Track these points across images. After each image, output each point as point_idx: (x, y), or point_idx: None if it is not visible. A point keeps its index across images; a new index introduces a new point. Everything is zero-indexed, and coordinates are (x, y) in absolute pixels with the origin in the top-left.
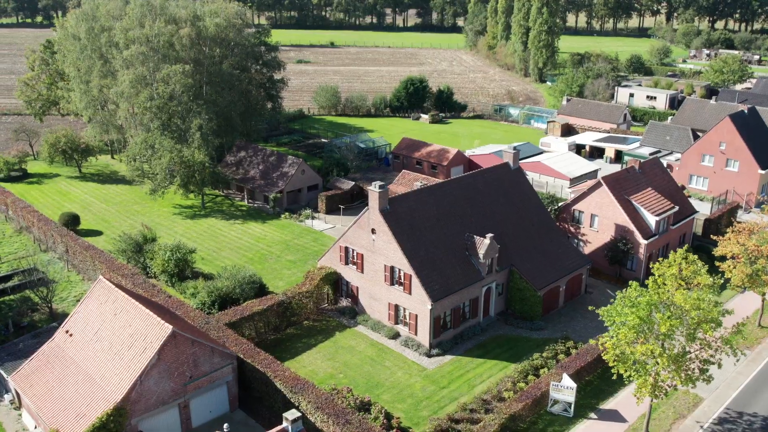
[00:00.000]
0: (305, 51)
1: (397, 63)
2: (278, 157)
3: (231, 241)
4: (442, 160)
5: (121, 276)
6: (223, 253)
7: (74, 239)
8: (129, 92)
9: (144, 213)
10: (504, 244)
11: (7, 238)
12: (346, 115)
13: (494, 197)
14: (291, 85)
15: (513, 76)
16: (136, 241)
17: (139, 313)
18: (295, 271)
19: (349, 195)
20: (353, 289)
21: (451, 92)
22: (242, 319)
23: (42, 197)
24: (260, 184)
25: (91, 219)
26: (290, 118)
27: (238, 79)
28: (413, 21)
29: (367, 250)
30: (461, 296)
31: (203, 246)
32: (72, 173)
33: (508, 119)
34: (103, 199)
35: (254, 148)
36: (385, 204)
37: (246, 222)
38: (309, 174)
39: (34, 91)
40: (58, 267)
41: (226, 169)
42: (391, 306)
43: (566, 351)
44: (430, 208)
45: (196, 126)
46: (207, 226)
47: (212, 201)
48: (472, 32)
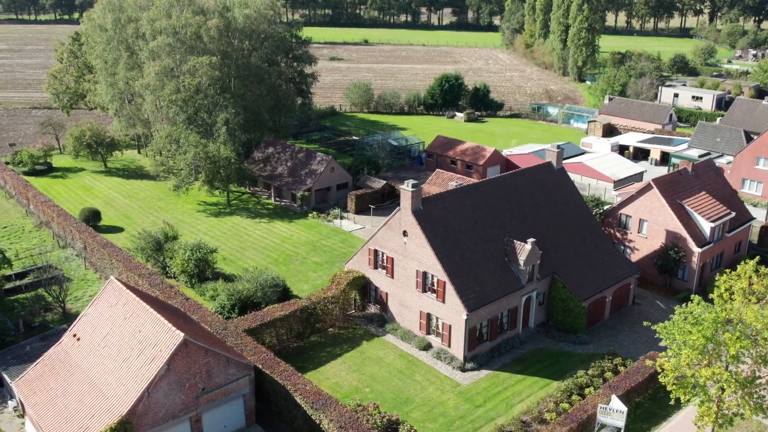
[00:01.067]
0: (338, 48)
1: (431, 61)
2: (307, 154)
3: (255, 240)
4: (477, 159)
5: (138, 276)
6: (246, 253)
7: (92, 236)
8: (155, 84)
9: (167, 210)
10: (546, 250)
11: (26, 233)
12: (378, 113)
13: (536, 199)
14: (323, 82)
15: (551, 75)
16: (156, 238)
17: (150, 318)
18: (321, 273)
19: (379, 194)
20: (382, 295)
21: (487, 90)
22: (263, 325)
23: (65, 191)
24: (288, 182)
25: (112, 215)
26: (321, 115)
27: (267, 72)
28: (448, 19)
29: (397, 253)
30: (499, 306)
31: (226, 245)
32: (97, 168)
33: (547, 119)
34: (127, 194)
35: (282, 144)
36: (418, 204)
37: (272, 221)
38: (338, 172)
39: (62, 84)
40: (75, 264)
41: (253, 165)
42: (423, 315)
43: (614, 369)
44: (466, 209)
45: (223, 120)
46: (231, 224)
47: (238, 198)
48: (509, 30)
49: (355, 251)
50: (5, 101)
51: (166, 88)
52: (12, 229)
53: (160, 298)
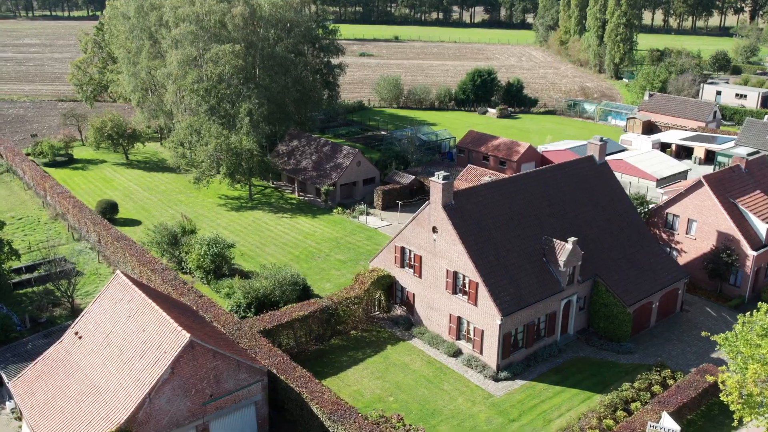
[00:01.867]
0: (368, 45)
1: (463, 57)
2: (332, 148)
3: (277, 236)
4: (511, 155)
5: (151, 271)
6: (267, 249)
7: (107, 228)
8: (177, 74)
9: (187, 203)
10: (588, 251)
11: (41, 225)
12: (408, 108)
13: (576, 195)
14: (352, 77)
15: (586, 72)
16: (172, 232)
17: (155, 317)
18: (344, 272)
19: (408, 190)
20: (409, 296)
21: (521, 85)
22: (280, 326)
23: (85, 183)
24: (312, 176)
25: (131, 207)
26: (349, 110)
27: (293, 63)
28: (480, 17)
29: (426, 251)
30: (536, 310)
31: (246, 240)
32: (119, 160)
33: (583, 115)
34: (147, 187)
35: (307, 137)
36: (449, 198)
37: (295, 216)
38: (365, 166)
39: (85, 75)
40: (88, 258)
41: (276, 159)
42: (453, 318)
43: (662, 382)
44: (501, 205)
45: (245, 111)
46: (252, 219)
47: (260, 192)
48: (543, 27)
49: (381, 248)
50: (32, 93)
51: (187, 77)
52: (27, 221)
53: (172, 294)
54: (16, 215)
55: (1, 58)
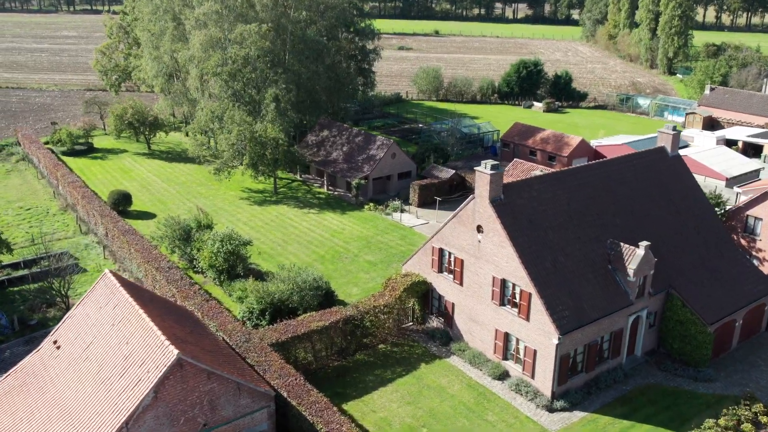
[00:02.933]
0: (408, 39)
1: (506, 52)
2: (365, 138)
3: (301, 233)
4: (561, 149)
5: (156, 269)
6: (289, 248)
7: (114, 221)
8: (200, 56)
9: (207, 196)
10: (660, 257)
11: (49, 216)
12: (448, 101)
13: (647, 191)
14: (390, 69)
15: (636, 67)
16: (184, 226)
17: (141, 327)
18: (374, 275)
19: (447, 185)
20: (447, 305)
21: (569, 78)
22: (295, 338)
23: (101, 173)
24: (342, 168)
25: (146, 199)
26: (385, 102)
27: (325, 47)
28: (523, 13)
29: (469, 254)
30: (600, 328)
31: (267, 237)
32: (140, 149)
33: (636, 110)
34: (166, 178)
35: (339, 126)
36: (498, 192)
37: (322, 212)
38: (401, 159)
39: (110, 61)
40: (94, 253)
41: (305, 150)
42: (500, 334)
43: (754, 418)
44: (559, 201)
45: (271, 96)
46: (276, 214)
47: (287, 186)
48: (590, 21)
49: (416, 250)
50: (62, 83)
51: (211, 59)
52: (36, 212)
53: (176, 297)
54: (24, 205)
55: (36, 49)
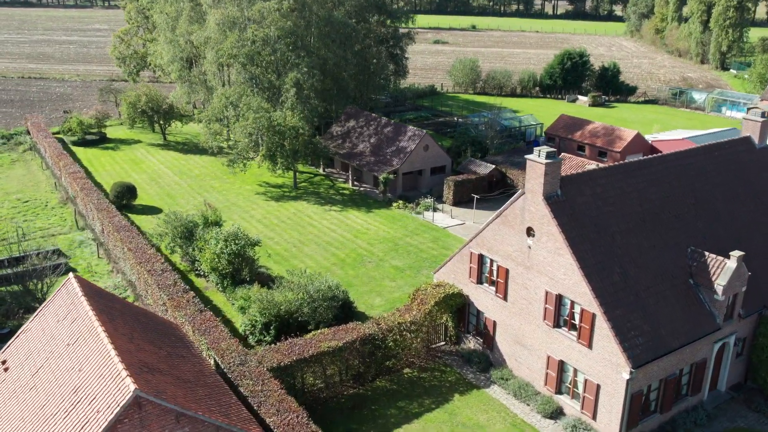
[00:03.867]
0: (443, 33)
1: (546, 46)
2: (395, 129)
3: (321, 233)
4: (613, 144)
5: (147, 272)
6: (306, 249)
7: (111, 216)
8: (216, 38)
9: (221, 190)
10: (752, 270)
11: (47, 210)
12: (485, 94)
13: (731, 189)
14: (424, 62)
15: (686, 62)
16: (186, 223)
17: (98, 350)
18: (400, 283)
19: (486, 182)
20: (488, 323)
21: (617, 70)
22: (302, 361)
23: (110, 164)
24: (369, 162)
25: (154, 193)
26: (419, 94)
27: (354, 30)
28: (564, 9)
29: (516, 262)
30: (680, 358)
31: (282, 237)
32: (155, 140)
33: (691, 105)
34: (179, 170)
35: (366, 116)
36: (555, 186)
37: (345, 209)
38: (434, 152)
39: (128, 48)
40: (87, 251)
41: (329, 141)
42: (553, 362)
43: None
44: (629, 199)
45: (292, 81)
46: (294, 211)
47: (308, 181)
48: (635, 15)
49: (451, 255)
50: (86, 73)
51: (227, 40)
52: (33, 204)
53: (167, 305)
54: (22, 198)
55: (65, 41)
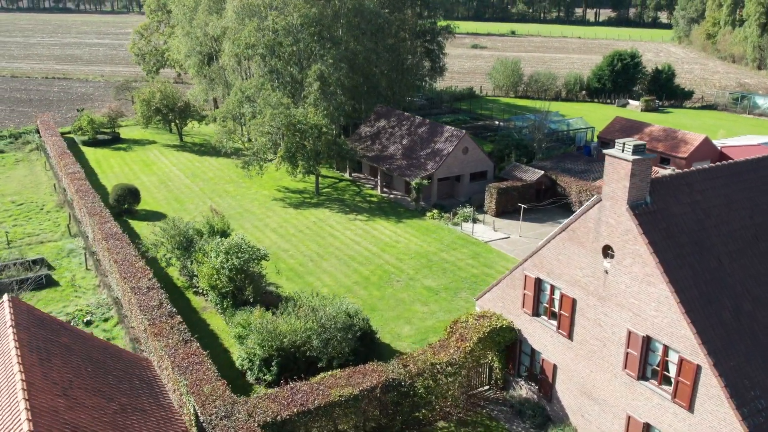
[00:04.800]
0: (482, 39)
1: (590, 51)
2: (431, 129)
3: (343, 245)
4: (678, 149)
5: (131, 290)
6: (324, 264)
7: (102, 222)
8: (234, 27)
9: (235, 195)
10: None
11: (41, 213)
12: (528, 98)
13: None
14: (462, 66)
15: (741, 68)
16: (184, 232)
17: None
18: (434, 308)
19: (534, 190)
20: (546, 367)
21: (672, 73)
22: (306, 413)
23: (119, 165)
24: (401, 165)
25: (161, 197)
26: (457, 97)
27: (387, 21)
28: (606, 16)
29: (587, 291)
30: None
31: (299, 250)
32: (171, 141)
33: (754, 111)
34: (192, 173)
35: (399, 115)
36: (643, 192)
37: (372, 219)
38: (474, 155)
39: (148, 44)
40: (75, 262)
41: (357, 143)
42: (635, 425)
43: None
44: (737, 209)
45: (315, 74)
46: (314, 219)
47: (332, 186)
48: (684, 20)
49: (499, 278)
50: (110, 74)
51: (245, 29)
52: (28, 207)
53: (148, 332)
54: (18, 200)
55: (96, 44)
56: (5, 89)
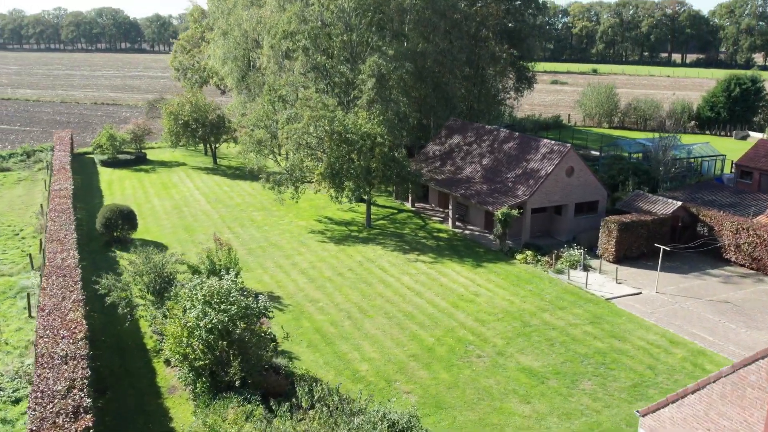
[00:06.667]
0: (561, 76)
1: (685, 89)
2: (522, 143)
3: (398, 296)
4: None
5: (38, 357)
6: (367, 324)
7: (61, 250)
8: (274, 18)
9: (262, 225)
10: None
11: (14, 239)
12: (624, 128)
13: None
14: (542, 100)
15: None
16: (161, 270)
17: None
18: (541, 408)
19: (668, 227)
20: None
21: None
22: None
23: (132, 187)
24: (480, 191)
25: (168, 224)
26: (541, 126)
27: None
28: (694, 57)
29: None
30: None
31: (333, 301)
32: (204, 163)
33: None
34: (215, 198)
35: (478, 128)
36: None
37: (440, 261)
38: (582, 178)
39: (191, 57)
40: (19, 306)
41: (423, 164)
42: None
43: None
44: None
45: (371, 68)
46: (361, 259)
47: (388, 218)
48: None
49: (704, 380)
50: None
51: (284, 14)
52: (3, 232)
53: None
54: None
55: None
56: (48, 112)
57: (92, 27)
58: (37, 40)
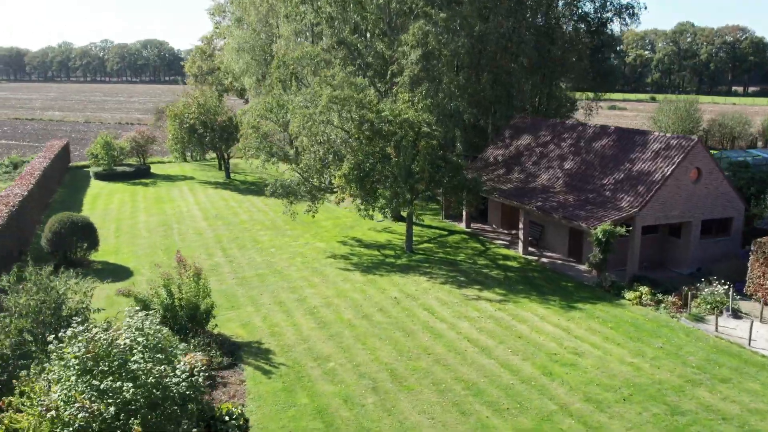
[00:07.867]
0: (617, 103)
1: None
2: (620, 139)
3: (453, 352)
4: None
5: None
6: (403, 403)
7: None
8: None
9: (268, 246)
10: None
11: None
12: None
13: None
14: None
15: None
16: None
17: None
18: None
19: None
20: None
21: None
22: None
23: (121, 201)
24: (564, 204)
25: (145, 243)
26: None
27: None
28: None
29: None
30: None
31: (352, 360)
32: (215, 178)
33: None
34: (218, 214)
35: (554, 125)
36: None
37: (512, 298)
38: (713, 185)
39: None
40: None
41: (481, 172)
42: None
43: None
44: None
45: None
46: (397, 294)
47: (436, 241)
48: None
49: None
50: None
51: None
52: None
53: None
54: None
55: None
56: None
57: (137, 59)
58: (84, 72)
